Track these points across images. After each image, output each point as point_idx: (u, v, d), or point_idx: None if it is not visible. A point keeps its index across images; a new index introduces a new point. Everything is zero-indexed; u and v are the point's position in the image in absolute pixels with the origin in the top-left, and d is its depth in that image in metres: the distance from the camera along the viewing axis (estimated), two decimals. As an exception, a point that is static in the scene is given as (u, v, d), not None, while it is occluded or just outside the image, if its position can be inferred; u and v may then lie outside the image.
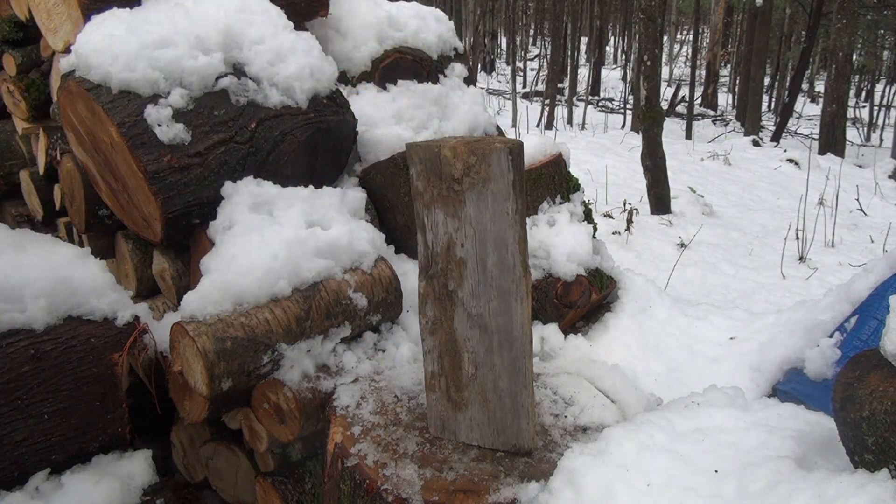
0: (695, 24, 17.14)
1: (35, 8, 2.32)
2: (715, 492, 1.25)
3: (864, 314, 2.22)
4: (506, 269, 1.44)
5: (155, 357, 2.09)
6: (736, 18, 22.81)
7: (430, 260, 1.51)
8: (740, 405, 1.59)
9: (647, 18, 7.00)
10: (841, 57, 11.12)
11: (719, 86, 20.23)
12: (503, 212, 1.40)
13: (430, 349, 1.57)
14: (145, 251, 2.28)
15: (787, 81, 16.99)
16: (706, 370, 2.48)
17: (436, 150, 1.42)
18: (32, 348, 1.87)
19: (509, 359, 1.49)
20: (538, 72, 21.86)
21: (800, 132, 15.20)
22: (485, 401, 1.54)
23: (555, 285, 2.52)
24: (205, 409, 1.86)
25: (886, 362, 1.19)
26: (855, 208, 7.79)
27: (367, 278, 2.08)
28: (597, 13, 21.68)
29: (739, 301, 4.74)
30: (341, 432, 1.62)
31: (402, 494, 1.42)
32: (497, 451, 1.57)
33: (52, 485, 1.91)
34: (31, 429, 1.87)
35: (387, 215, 2.51)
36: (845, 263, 5.88)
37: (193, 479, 2.27)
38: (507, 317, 1.47)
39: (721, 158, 10.03)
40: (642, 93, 7.14)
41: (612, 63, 29.54)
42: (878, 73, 20.84)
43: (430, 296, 1.54)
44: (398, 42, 2.82)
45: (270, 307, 1.86)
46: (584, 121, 14.99)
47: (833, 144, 11.51)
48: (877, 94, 18.36)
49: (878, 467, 1.13)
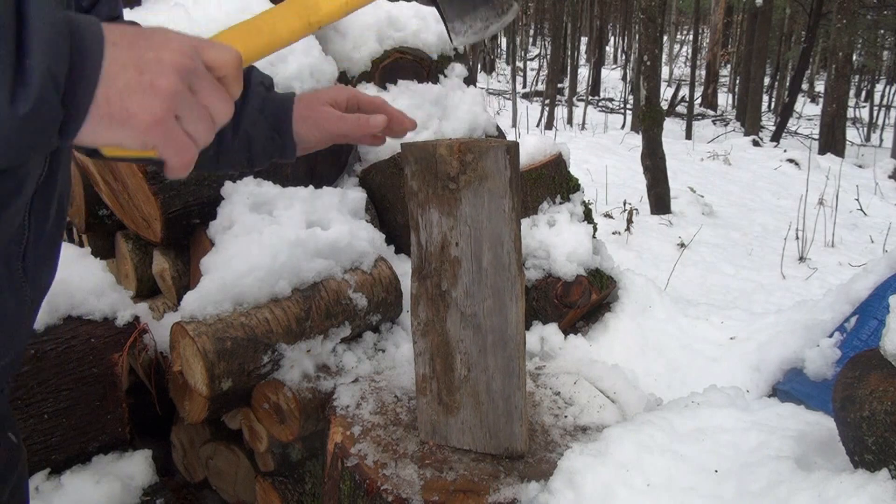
0: (695, 24, 17.16)
1: (35, 8, 2.31)
2: (715, 492, 1.25)
3: (864, 314, 2.22)
4: (501, 268, 1.44)
5: (155, 357, 2.09)
6: (736, 18, 22.81)
7: (424, 260, 1.51)
8: (740, 405, 1.59)
9: (647, 18, 7.00)
10: (841, 57, 11.12)
11: (719, 86, 20.24)
12: (499, 209, 1.40)
13: (422, 351, 1.57)
14: (145, 251, 2.28)
15: (787, 81, 16.99)
16: (706, 370, 2.47)
17: (431, 148, 1.42)
18: (32, 348, 1.87)
19: (503, 359, 1.49)
20: (538, 72, 21.87)
21: (800, 132, 15.20)
22: (477, 403, 1.54)
23: (555, 285, 2.52)
24: (205, 409, 1.86)
25: (886, 362, 1.19)
26: (855, 208, 7.80)
27: (367, 278, 2.08)
28: (597, 13, 21.69)
29: (739, 301, 4.74)
30: (341, 432, 1.62)
31: (402, 494, 1.42)
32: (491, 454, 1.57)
33: (52, 485, 1.92)
34: (31, 429, 1.87)
35: (387, 215, 2.51)
36: (845, 263, 5.88)
37: (193, 479, 2.27)
38: (501, 316, 1.46)
39: (721, 158, 10.04)
40: (642, 93, 7.15)
41: (612, 63, 29.55)
42: (878, 73, 20.85)
43: (422, 297, 1.53)
44: (398, 42, 2.82)
45: (270, 307, 1.86)
46: (584, 121, 15.00)
47: (833, 144, 11.51)
48: (877, 94, 18.37)
49: (878, 467, 1.13)
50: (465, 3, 0.88)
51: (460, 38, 0.91)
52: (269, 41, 0.86)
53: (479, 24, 0.89)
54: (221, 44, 0.69)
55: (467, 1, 0.89)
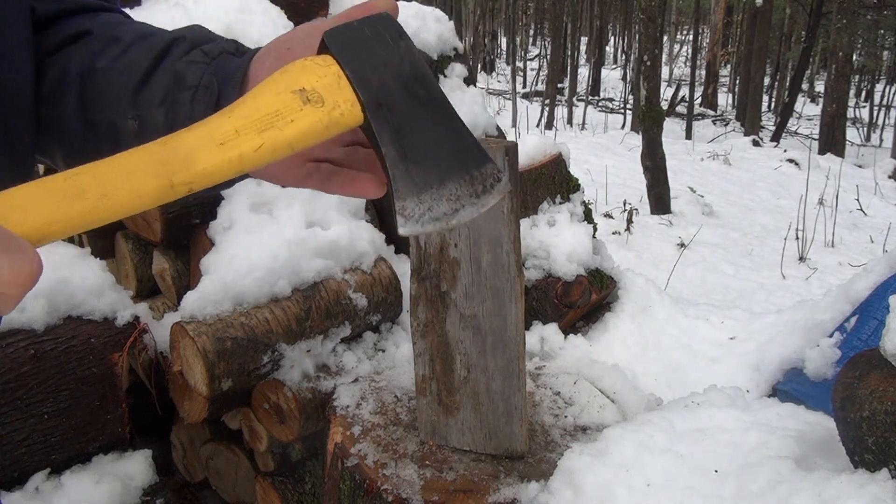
0: (695, 24, 17.16)
1: (35, 8, 2.32)
2: (715, 492, 1.25)
3: (864, 314, 2.22)
4: (500, 269, 1.44)
5: (155, 357, 2.09)
6: (736, 18, 22.81)
7: (423, 261, 1.51)
8: (740, 405, 1.59)
9: (647, 18, 7.00)
10: (841, 57, 11.12)
11: (719, 86, 20.24)
12: (498, 210, 1.40)
13: (422, 352, 1.56)
14: (145, 251, 2.28)
15: (787, 81, 16.99)
16: (706, 370, 2.48)
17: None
18: (32, 348, 1.87)
19: (503, 360, 1.49)
20: (538, 72, 21.87)
21: (800, 132, 15.19)
22: (477, 404, 1.54)
23: (555, 285, 2.52)
24: (205, 409, 1.86)
25: (886, 362, 1.19)
26: (855, 208, 7.79)
27: (367, 278, 2.08)
28: (597, 13, 21.69)
29: (739, 301, 4.74)
30: (341, 432, 1.62)
31: (402, 494, 1.42)
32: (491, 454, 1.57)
33: (52, 485, 1.91)
34: (31, 429, 1.87)
35: (387, 215, 2.51)
36: (845, 263, 5.88)
37: (193, 479, 2.27)
38: (501, 317, 1.46)
39: (721, 158, 10.03)
40: (642, 93, 7.15)
41: (612, 63, 29.55)
42: (878, 73, 20.84)
43: (422, 298, 1.53)
44: (398, 42, 2.82)
45: (270, 307, 1.86)
46: (584, 121, 14.99)
47: (833, 144, 11.51)
48: (877, 94, 18.36)
49: (878, 467, 1.13)
50: (429, 174, 0.58)
51: (411, 224, 0.57)
52: (92, 209, 0.52)
53: (445, 205, 0.58)
54: (13, 239, 0.44)
55: (431, 171, 0.58)
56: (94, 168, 0.53)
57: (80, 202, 0.52)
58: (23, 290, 0.45)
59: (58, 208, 0.51)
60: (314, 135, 0.58)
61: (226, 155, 0.56)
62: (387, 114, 0.60)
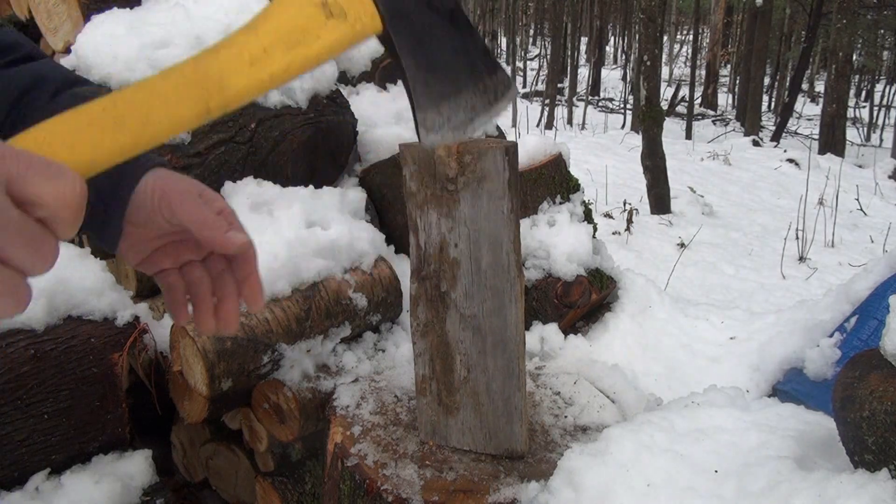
0: (695, 24, 17.16)
1: (35, 8, 2.32)
2: (715, 492, 1.25)
3: (864, 314, 2.22)
4: (500, 269, 1.44)
5: (155, 357, 2.09)
6: (736, 18, 22.81)
7: (423, 261, 1.51)
8: (740, 405, 1.59)
9: (647, 18, 7.00)
10: (841, 57, 11.12)
11: (719, 86, 20.24)
12: (498, 210, 1.40)
13: (422, 352, 1.57)
14: (145, 251, 2.28)
15: (787, 81, 16.99)
16: (706, 370, 2.48)
17: (430, 149, 1.42)
18: (32, 348, 1.87)
19: (503, 360, 1.49)
20: (538, 72, 21.87)
21: (800, 132, 15.19)
22: (477, 404, 1.54)
23: (555, 285, 2.52)
24: (205, 410, 1.86)
25: (886, 362, 1.19)
26: (855, 208, 7.80)
27: (367, 278, 2.08)
28: (597, 13, 21.70)
29: (739, 301, 4.74)
30: (341, 432, 1.62)
31: (402, 494, 1.42)
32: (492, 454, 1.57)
33: (52, 485, 1.91)
34: (31, 429, 1.87)
35: (387, 215, 2.51)
36: (845, 263, 5.88)
37: (193, 479, 2.27)
38: (501, 317, 1.46)
39: (721, 158, 10.03)
40: (642, 93, 7.15)
41: (612, 63, 29.55)
42: (878, 73, 20.85)
43: (421, 298, 1.53)
44: (398, 42, 2.82)
45: (270, 307, 1.86)
46: (584, 121, 15.00)
47: (833, 144, 11.51)
48: (877, 94, 18.36)
49: (878, 467, 1.13)
50: (445, 85, 0.61)
51: (432, 135, 0.61)
52: (134, 139, 0.53)
53: (462, 115, 0.62)
54: (53, 165, 0.46)
55: (447, 82, 0.61)
56: (131, 95, 0.55)
57: (122, 134, 0.54)
58: (71, 211, 0.46)
59: (101, 141, 0.53)
60: (339, 48, 0.60)
61: (257, 76, 0.58)
62: (406, 24, 0.62)
